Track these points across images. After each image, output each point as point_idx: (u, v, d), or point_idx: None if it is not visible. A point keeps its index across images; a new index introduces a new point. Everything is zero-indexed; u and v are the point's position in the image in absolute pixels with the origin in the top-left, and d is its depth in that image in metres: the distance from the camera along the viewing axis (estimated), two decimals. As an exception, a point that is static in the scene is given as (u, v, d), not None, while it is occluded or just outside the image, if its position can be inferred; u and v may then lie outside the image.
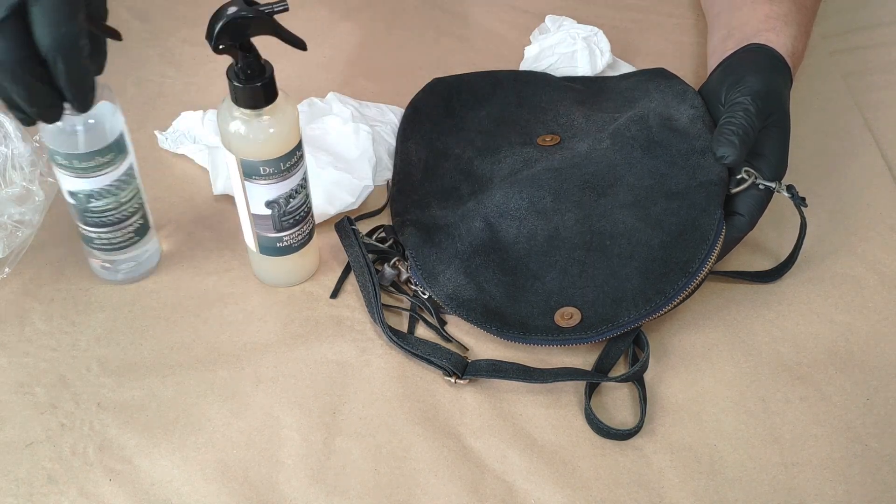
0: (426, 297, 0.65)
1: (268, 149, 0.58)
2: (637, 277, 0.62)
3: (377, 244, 0.67)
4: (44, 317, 0.66)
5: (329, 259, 0.70)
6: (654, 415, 0.61)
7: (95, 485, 0.57)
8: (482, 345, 0.64)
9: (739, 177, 0.65)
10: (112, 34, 0.56)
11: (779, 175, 0.66)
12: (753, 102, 0.65)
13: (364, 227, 0.70)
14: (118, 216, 0.62)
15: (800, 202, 0.65)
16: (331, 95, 0.77)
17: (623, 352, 0.63)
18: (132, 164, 0.62)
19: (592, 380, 0.61)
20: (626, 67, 0.82)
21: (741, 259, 0.69)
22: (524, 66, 0.82)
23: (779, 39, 0.70)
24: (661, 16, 0.92)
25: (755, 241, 0.70)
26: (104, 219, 0.62)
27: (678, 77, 0.75)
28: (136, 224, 0.64)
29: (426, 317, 0.65)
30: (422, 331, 0.65)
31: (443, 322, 0.65)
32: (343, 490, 0.57)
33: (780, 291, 0.68)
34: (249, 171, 0.59)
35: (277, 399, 0.61)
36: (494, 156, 0.72)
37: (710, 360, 0.64)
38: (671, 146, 0.67)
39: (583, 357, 0.64)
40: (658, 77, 0.75)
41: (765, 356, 0.64)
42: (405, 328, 0.65)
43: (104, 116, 0.58)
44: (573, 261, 0.64)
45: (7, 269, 0.68)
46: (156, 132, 0.77)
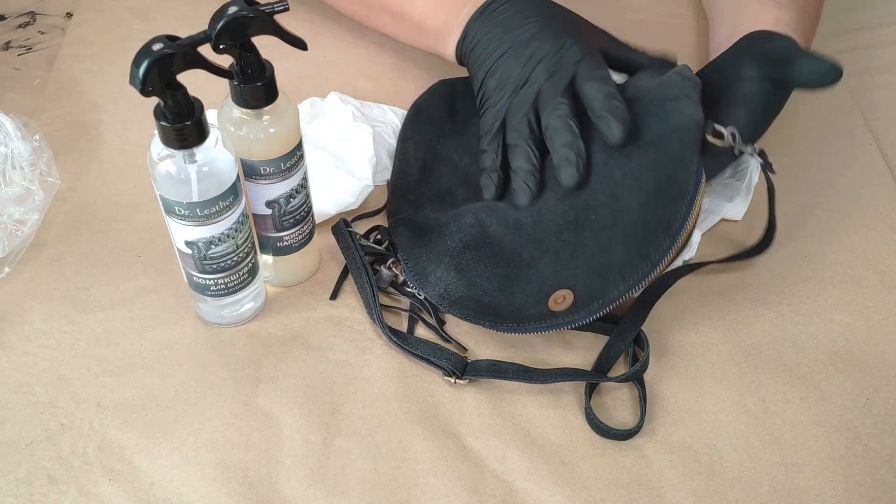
0: (423, 298, 0.65)
1: (268, 149, 0.58)
2: (620, 247, 0.60)
3: (374, 246, 0.67)
4: (43, 316, 0.66)
5: (329, 259, 0.70)
6: (654, 415, 0.61)
7: (95, 484, 0.57)
8: (482, 345, 0.64)
9: (719, 129, 0.63)
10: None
11: (751, 135, 0.65)
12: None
13: (364, 227, 0.70)
14: (236, 259, 0.60)
15: (767, 168, 0.64)
16: (332, 95, 0.77)
17: (623, 351, 0.63)
18: (244, 204, 0.60)
19: (592, 380, 0.61)
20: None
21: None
22: None
23: (774, 19, 0.70)
24: (662, 16, 0.92)
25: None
26: (223, 264, 0.60)
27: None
28: (251, 264, 0.62)
29: (425, 317, 0.65)
30: (421, 331, 0.65)
31: (441, 322, 0.65)
32: (343, 490, 0.57)
33: (780, 291, 0.68)
34: (250, 171, 0.59)
35: (277, 399, 0.61)
36: None
37: (710, 360, 0.64)
38: (643, 97, 0.64)
39: (583, 356, 0.64)
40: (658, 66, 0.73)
41: (765, 356, 0.64)
42: (405, 328, 0.65)
43: (220, 161, 0.56)
44: (563, 242, 0.62)
45: (7, 269, 0.68)
46: (156, 132, 0.76)
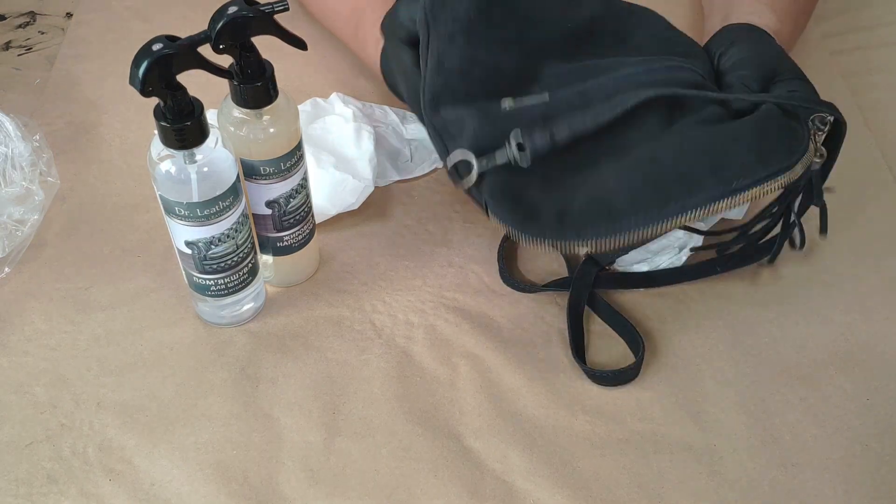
0: None
1: (268, 149, 0.58)
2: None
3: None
4: (43, 316, 0.66)
5: (329, 259, 0.70)
6: (655, 415, 0.61)
7: (95, 485, 0.57)
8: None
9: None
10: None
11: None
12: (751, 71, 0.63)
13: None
14: (236, 259, 0.60)
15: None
16: (334, 96, 0.77)
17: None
18: (244, 204, 0.60)
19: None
20: None
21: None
22: None
23: (761, 21, 0.70)
24: (665, 14, 0.92)
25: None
26: (223, 264, 0.60)
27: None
28: (251, 264, 0.62)
29: None
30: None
31: None
32: (343, 490, 0.57)
33: (780, 291, 0.68)
34: (249, 171, 0.59)
35: (277, 399, 0.61)
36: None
37: (710, 360, 0.64)
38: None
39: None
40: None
41: (765, 356, 0.64)
42: None
43: (221, 161, 0.56)
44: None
45: (7, 269, 0.68)
46: (156, 133, 0.76)
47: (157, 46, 0.50)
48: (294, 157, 0.60)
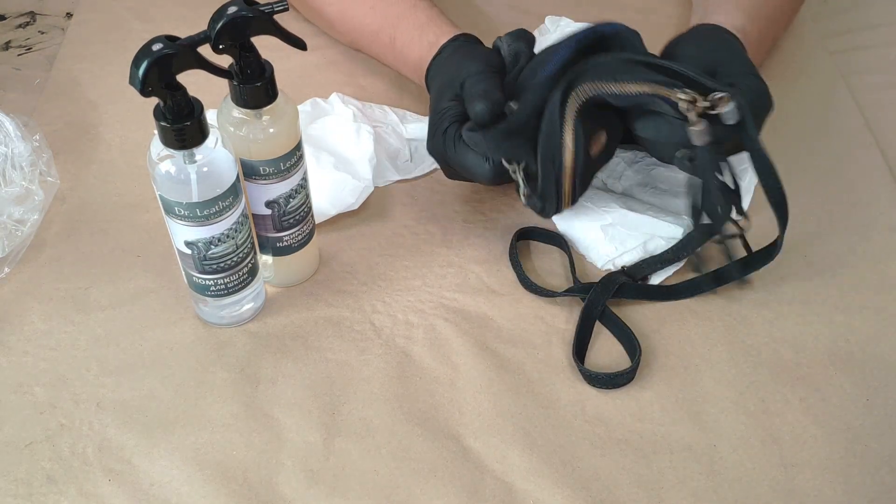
0: None
1: (268, 149, 0.58)
2: None
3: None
4: (43, 316, 0.66)
5: (329, 259, 0.70)
6: (654, 415, 0.61)
7: (95, 485, 0.57)
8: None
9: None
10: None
11: None
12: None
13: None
14: (236, 259, 0.60)
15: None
16: (334, 96, 0.77)
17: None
18: (244, 204, 0.60)
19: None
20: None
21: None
22: None
23: (727, 20, 0.70)
24: (661, 16, 0.92)
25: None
26: (222, 264, 0.60)
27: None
28: (251, 264, 0.62)
29: None
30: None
31: None
32: (343, 491, 0.57)
33: (781, 291, 0.68)
34: (249, 171, 0.59)
35: (277, 399, 0.61)
36: None
37: (710, 361, 0.64)
38: None
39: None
40: None
41: (765, 356, 0.64)
42: None
43: (221, 161, 0.56)
44: None
45: (7, 269, 0.68)
46: (156, 133, 0.76)
47: (157, 46, 0.50)
48: (294, 158, 0.60)
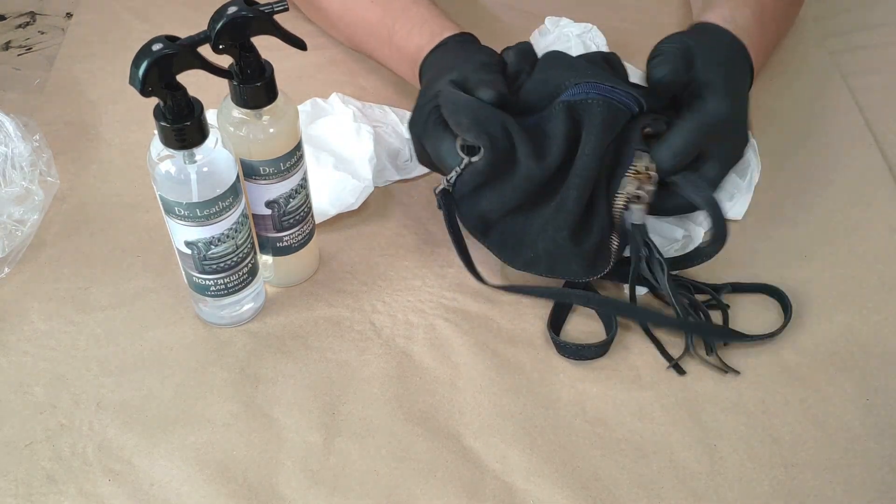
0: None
1: (268, 149, 0.58)
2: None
3: None
4: (43, 316, 0.66)
5: (329, 259, 0.70)
6: (654, 415, 0.61)
7: (95, 485, 0.57)
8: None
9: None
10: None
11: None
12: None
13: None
14: (236, 259, 0.60)
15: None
16: (334, 96, 0.77)
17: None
18: (244, 204, 0.60)
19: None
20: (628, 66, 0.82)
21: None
22: None
23: (714, 15, 0.70)
24: (661, 15, 0.92)
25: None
26: (222, 264, 0.60)
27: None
28: (251, 264, 0.62)
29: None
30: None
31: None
32: (343, 491, 0.57)
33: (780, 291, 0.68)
34: (249, 172, 0.59)
35: (277, 399, 0.61)
36: None
37: (710, 361, 0.64)
38: None
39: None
40: None
41: (765, 356, 0.64)
42: None
43: (221, 161, 0.56)
44: None
45: (7, 269, 0.68)
46: (156, 133, 0.76)
47: (157, 46, 0.50)
48: (294, 158, 0.60)
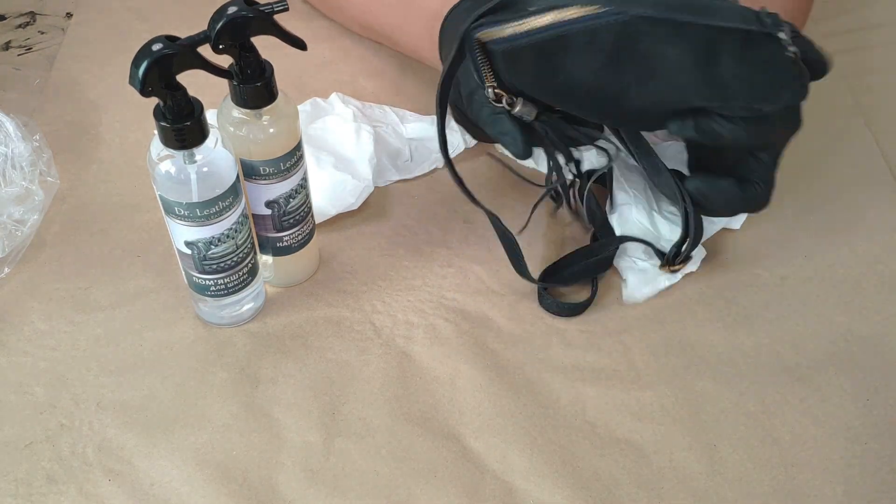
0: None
1: (268, 149, 0.58)
2: None
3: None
4: (43, 316, 0.66)
5: (329, 259, 0.70)
6: (654, 415, 0.61)
7: (95, 485, 0.57)
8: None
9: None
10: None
11: None
12: None
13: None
14: (236, 259, 0.60)
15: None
16: (334, 96, 0.77)
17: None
18: (244, 204, 0.60)
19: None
20: None
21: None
22: None
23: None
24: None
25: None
26: (222, 264, 0.60)
27: None
28: (251, 264, 0.62)
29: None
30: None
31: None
32: (343, 491, 0.57)
33: (781, 291, 0.68)
34: (249, 172, 0.59)
35: (277, 399, 0.61)
36: None
37: (710, 360, 0.64)
38: None
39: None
40: None
41: (764, 356, 0.64)
42: None
43: (221, 161, 0.56)
44: None
45: (7, 269, 0.68)
46: (155, 133, 0.76)
47: (157, 46, 0.50)
48: (294, 158, 0.60)
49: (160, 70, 0.51)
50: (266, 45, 0.56)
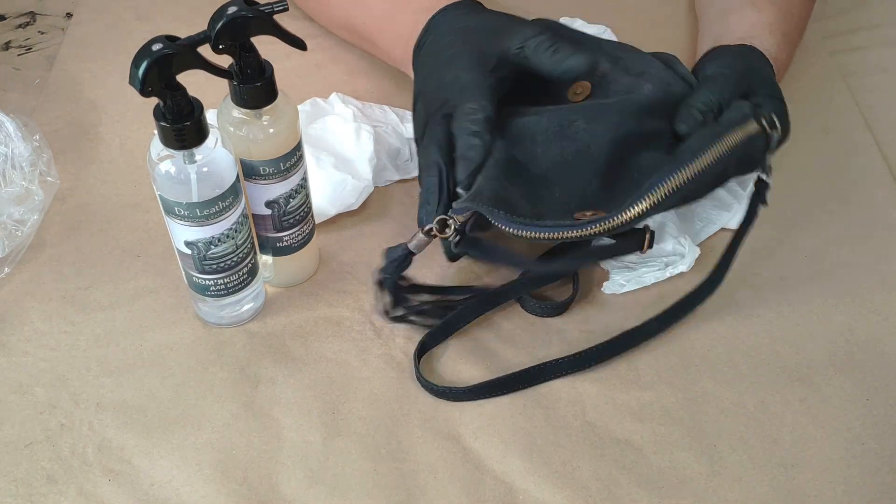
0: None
1: (267, 149, 0.58)
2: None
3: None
4: (43, 316, 0.66)
5: (329, 259, 0.70)
6: (654, 415, 0.61)
7: (95, 485, 0.57)
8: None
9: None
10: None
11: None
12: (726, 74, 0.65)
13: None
14: (236, 259, 0.60)
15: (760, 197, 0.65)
16: (334, 96, 0.77)
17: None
18: (244, 204, 0.60)
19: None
20: None
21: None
22: None
23: (762, 46, 0.69)
24: (661, 17, 0.92)
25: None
26: (222, 264, 0.60)
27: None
28: (251, 264, 0.62)
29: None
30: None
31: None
32: (342, 491, 0.57)
33: (780, 291, 0.68)
34: (249, 172, 0.59)
35: (277, 399, 0.61)
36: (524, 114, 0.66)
37: (710, 360, 0.64)
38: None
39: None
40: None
41: (764, 356, 0.64)
42: None
43: (220, 161, 0.56)
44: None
45: (7, 269, 0.68)
46: (155, 133, 0.76)
47: (157, 46, 0.50)
48: (294, 158, 0.60)
49: (160, 70, 0.51)
50: (266, 46, 0.56)
